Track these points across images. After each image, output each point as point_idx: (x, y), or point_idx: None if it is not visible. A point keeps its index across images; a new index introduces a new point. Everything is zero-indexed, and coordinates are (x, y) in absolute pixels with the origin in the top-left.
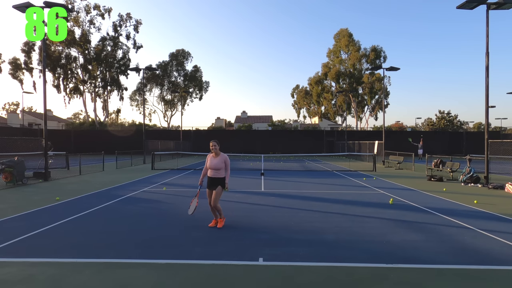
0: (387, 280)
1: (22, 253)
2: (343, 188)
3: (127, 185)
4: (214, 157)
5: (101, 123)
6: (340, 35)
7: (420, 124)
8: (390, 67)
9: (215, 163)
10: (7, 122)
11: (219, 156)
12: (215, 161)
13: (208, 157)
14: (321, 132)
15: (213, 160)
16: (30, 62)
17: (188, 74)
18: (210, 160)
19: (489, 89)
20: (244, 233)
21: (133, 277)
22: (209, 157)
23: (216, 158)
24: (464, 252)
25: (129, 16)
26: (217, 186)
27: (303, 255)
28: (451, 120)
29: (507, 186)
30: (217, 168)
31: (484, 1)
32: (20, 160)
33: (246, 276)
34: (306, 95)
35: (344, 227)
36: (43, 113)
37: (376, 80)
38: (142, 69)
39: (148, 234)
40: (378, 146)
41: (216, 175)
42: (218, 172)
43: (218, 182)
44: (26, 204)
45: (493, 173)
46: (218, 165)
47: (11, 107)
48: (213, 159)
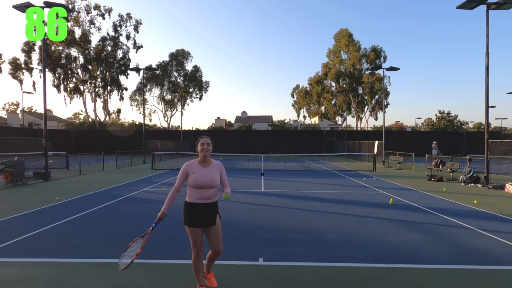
0: (387, 280)
1: (22, 253)
2: (343, 188)
3: (127, 185)
4: (203, 166)
5: (101, 123)
6: (340, 35)
7: (420, 124)
8: (390, 67)
9: (209, 177)
10: (7, 122)
11: (211, 164)
12: (208, 173)
13: (189, 169)
14: (321, 132)
15: (204, 172)
16: (30, 62)
17: (188, 74)
18: (198, 173)
19: (489, 89)
20: (244, 233)
21: (133, 277)
22: (193, 167)
23: (207, 168)
24: (464, 252)
25: (129, 16)
26: (214, 218)
27: (303, 255)
28: (451, 120)
29: (507, 186)
30: (212, 185)
31: (484, 1)
32: (20, 160)
33: (246, 276)
34: (306, 95)
35: (344, 227)
36: (43, 113)
37: (376, 80)
38: (142, 69)
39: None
40: (378, 146)
41: (213, 198)
42: (211, 193)
43: (215, 210)
44: (26, 204)
45: (493, 173)
46: (214, 180)
47: (11, 107)
48: (203, 171)
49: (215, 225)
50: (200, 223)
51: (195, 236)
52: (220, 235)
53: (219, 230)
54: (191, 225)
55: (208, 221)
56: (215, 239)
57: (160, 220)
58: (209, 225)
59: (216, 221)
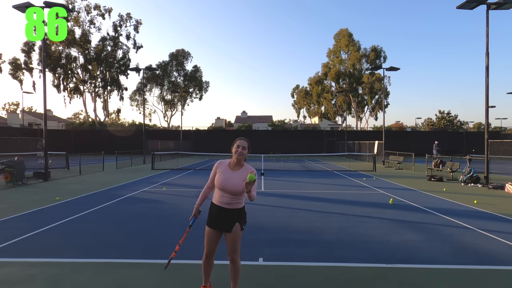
0: (387, 280)
1: (22, 253)
2: (343, 188)
3: (127, 185)
4: (232, 169)
5: (101, 123)
6: (340, 35)
7: (420, 124)
8: (390, 67)
9: (233, 182)
10: (7, 122)
11: (242, 168)
12: (234, 177)
13: (219, 167)
14: (321, 132)
15: (231, 175)
16: (30, 62)
17: (188, 74)
18: (225, 174)
19: (489, 89)
20: (244, 233)
21: (133, 277)
22: (222, 167)
23: (235, 172)
24: (464, 252)
25: (129, 16)
26: (233, 225)
27: (303, 255)
28: (451, 120)
29: (507, 186)
30: (233, 191)
31: (484, 1)
32: (20, 160)
33: (246, 276)
34: (306, 95)
35: (344, 227)
36: (43, 113)
37: (376, 80)
38: (142, 69)
39: (148, 234)
40: (378, 146)
41: (232, 205)
42: (236, 199)
43: (235, 218)
44: (26, 204)
45: (493, 173)
46: (237, 186)
47: (11, 107)
48: (231, 174)
49: (230, 232)
50: (216, 225)
51: (208, 236)
52: (235, 244)
53: (236, 238)
54: (208, 224)
55: (223, 226)
56: (230, 246)
57: (195, 217)
58: (224, 230)
59: (234, 228)
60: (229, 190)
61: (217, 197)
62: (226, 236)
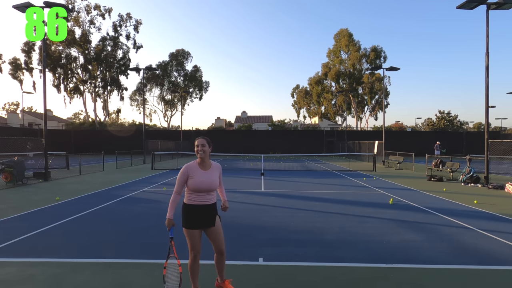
0: (387, 280)
1: (22, 253)
2: (343, 188)
3: (127, 185)
4: (203, 169)
5: (101, 123)
6: (340, 35)
7: (420, 124)
8: (390, 67)
9: (210, 181)
10: (7, 122)
11: (211, 167)
12: (208, 177)
13: (189, 172)
14: (321, 132)
15: (205, 176)
16: (30, 62)
17: (188, 74)
18: (200, 177)
19: (489, 89)
20: (244, 233)
21: (133, 277)
22: (192, 170)
23: (207, 172)
24: (464, 252)
25: (129, 16)
26: (213, 219)
27: (303, 255)
28: (451, 120)
29: (507, 186)
30: (211, 188)
31: (484, 1)
32: (20, 160)
33: (246, 276)
34: (306, 95)
35: (344, 227)
36: (43, 113)
37: (376, 80)
38: (142, 69)
39: (148, 234)
40: (378, 146)
41: (211, 201)
42: (212, 195)
43: (214, 211)
44: (26, 204)
45: (493, 173)
46: (214, 183)
47: (11, 107)
48: (203, 175)
49: (214, 226)
50: (199, 224)
51: (193, 238)
52: (221, 235)
53: (220, 230)
54: (190, 227)
55: (207, 222)
56: (216, 239)
57: (173, 227)
58: (208, 226)
59: (216, 221)
60: (207, 189)
61: (193, 197)
62: (210, 231)
